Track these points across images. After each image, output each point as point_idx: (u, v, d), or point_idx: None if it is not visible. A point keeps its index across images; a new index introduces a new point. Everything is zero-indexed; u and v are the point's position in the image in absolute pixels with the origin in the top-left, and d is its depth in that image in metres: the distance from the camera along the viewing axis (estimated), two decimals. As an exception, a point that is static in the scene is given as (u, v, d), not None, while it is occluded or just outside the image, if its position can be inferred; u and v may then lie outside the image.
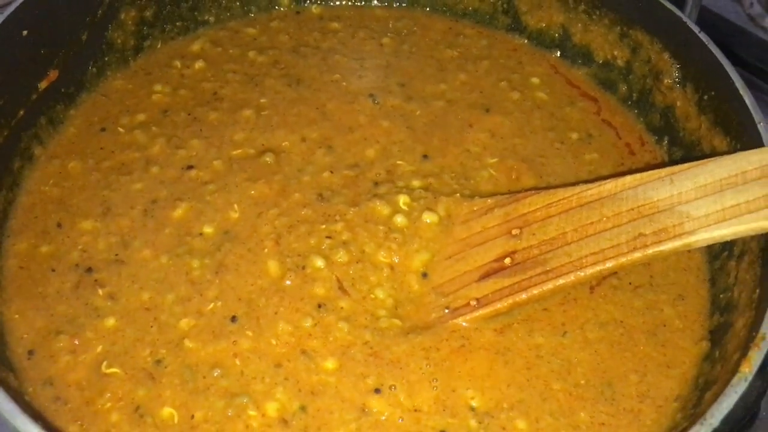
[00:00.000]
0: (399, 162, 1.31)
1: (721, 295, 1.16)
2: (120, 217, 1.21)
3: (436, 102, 1.41)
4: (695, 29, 1.27)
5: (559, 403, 1.05)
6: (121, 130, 1.34)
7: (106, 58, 1.41)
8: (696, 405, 1.02)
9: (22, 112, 1.24)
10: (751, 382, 0.93)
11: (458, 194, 1.25)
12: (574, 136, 1.38)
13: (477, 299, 1.12)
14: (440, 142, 1.35)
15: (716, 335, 1.12)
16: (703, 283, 1.20)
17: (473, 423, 1.03)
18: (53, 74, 1.30)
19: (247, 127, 1.33)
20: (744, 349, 0.96)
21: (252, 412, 1.02)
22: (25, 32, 1.22)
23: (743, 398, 0.92)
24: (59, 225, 1.20)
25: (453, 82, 1.45)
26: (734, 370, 0.94)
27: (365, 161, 1.31)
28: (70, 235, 1.19)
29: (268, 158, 1.28)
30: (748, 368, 0.93)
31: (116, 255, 1.17)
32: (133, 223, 1.20)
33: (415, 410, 1.03)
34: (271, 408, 1.02)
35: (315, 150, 1.31)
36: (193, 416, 1.01)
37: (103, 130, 1.34)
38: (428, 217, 1.21)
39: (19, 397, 0.92)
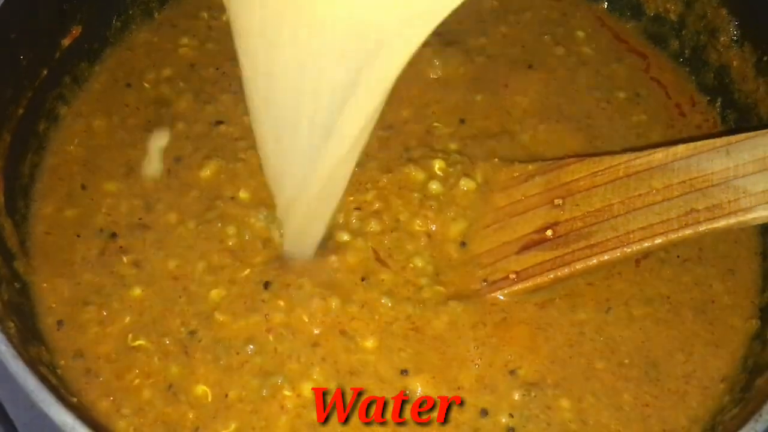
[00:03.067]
0: (435, 124, 1.25)
1: (774, 270, 1.11)
2: (143, 178, 1.17)
3: (475, 57, 1.34)
4: (758, -17, 1.18)
5: (602, 383, 1.02)
6: (146, 85, 1.29)
7: (131, 11, 1.35)
8: (744, 388, 0.98)
9: (45, 72, 1.19)
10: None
11: (497, 159, 1.19)
12: (622, 95, 1.30)
13: (516, 272, 1.08)
14: (478, 101, 1.28)
15: (767, 313, 1.07)
16: (754, 257, 1.14)
17: (516, 400, 1.00)
18: (76, 30, 1.24)
19: (277, 85, 1.27)
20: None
21: (287, 393, 0.99)
22: (46, -13, 1.17)
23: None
24: (83, 187, 1.17)
25: (493, 35, 1.37)
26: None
27: (399, 122, 1.24)
28: (94, 198, 1.15)
29: (300, 119, 1.23)
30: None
31: (139, 219, 1.13)
32: (156, 184, 1.16)
33: (458, 388, 1.00)
34: (307, 388, 0.99)
35: (349, 111, 1.25)
36: (227, 395, 0.99)
37: (128, 86, 1.29)
38: (465, 184, 1.16)
39: (53, 375, 0.90)
